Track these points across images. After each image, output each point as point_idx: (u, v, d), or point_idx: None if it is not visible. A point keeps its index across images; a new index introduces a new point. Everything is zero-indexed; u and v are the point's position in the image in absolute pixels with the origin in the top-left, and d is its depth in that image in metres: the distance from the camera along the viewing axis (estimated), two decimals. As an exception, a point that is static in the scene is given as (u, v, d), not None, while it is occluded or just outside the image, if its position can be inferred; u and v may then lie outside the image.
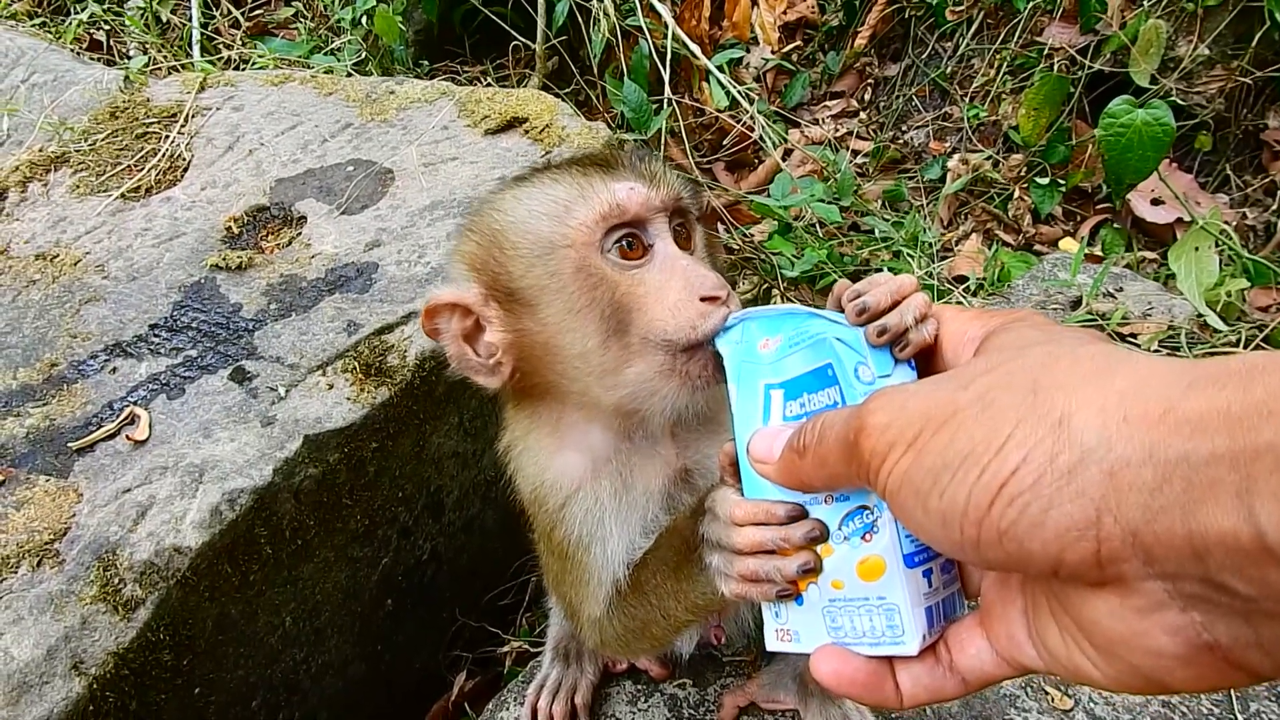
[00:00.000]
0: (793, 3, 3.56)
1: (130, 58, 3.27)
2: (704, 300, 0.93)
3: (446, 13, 3.32)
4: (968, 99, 3.17)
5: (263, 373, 1.60)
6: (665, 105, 2.93)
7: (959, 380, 0.61)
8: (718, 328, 0.90)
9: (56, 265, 1.88)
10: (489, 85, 3.19)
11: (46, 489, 1.44)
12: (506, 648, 1.91)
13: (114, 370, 1.64)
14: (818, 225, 2.85)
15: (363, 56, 3.28)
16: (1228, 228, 2.45)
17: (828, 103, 3.48)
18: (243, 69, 3.10)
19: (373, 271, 1.78)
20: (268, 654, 1.53)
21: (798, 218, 2.80)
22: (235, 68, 3.25)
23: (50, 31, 3.36)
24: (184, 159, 2.16)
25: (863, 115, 3.43)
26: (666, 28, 2.94)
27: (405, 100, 2.28)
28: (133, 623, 1.31)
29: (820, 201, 2.67)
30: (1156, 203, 2.79)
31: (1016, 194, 2.96)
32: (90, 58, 2.92)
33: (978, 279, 2.64)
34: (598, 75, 3.16)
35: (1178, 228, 2.74)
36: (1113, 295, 2.31)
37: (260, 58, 3.20)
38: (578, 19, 3.07)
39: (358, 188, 2.00)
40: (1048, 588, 0.61)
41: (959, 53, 3.21)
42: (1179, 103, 2.68)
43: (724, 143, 3.31)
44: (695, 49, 2.99)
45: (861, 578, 0.73)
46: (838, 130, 3.37)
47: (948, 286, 2.61)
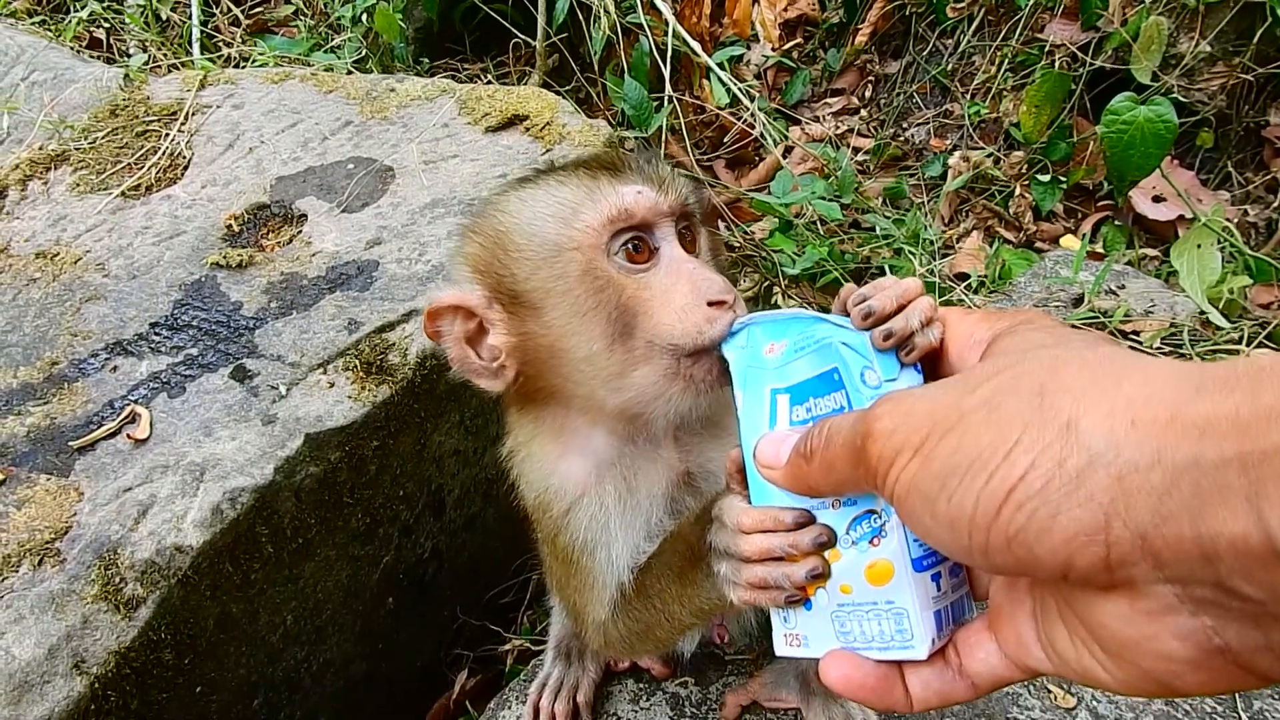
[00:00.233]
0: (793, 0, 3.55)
1: (130, 56, 3.27)
2: (710, 305, 0.93)
3: (447, 10, 3.31)
4: (969, 96, 3.16)
5: (263, 371, 1.60)
6: (666, 103, 2.92)
7: (965, 384, 0.61)
8: (724, 333, 0.90)
9: (57, 263, 1.88)
10: (489, 83, 3.19)
11: (47, 488, 1.44)
12: (508, 646, 1.91)
13: (115, 369, 1.63)
14: (818, 223, 2.85)
15: (363, 54, 3.27)
16: (1230, 225, 2.45)
17: (828, 100, 3.48)
18: (243, 67, 3.10)
19: (373, 269, 1.78)
20: (269, 653, 1.53)
21: (798, 215, 2.80)
22: (235, 65, 3.24)
23: (50, 29, 3.36)
24: (184, 157, 2.15)
25: (863, 112, 3.42)
26: (667, 25, 2.93)
27: (405, 98, 2.28)
28: (134, 622, 1.31)
29: (821, 199, 2.66)
30: (1158, 200, 2.78)
31: (1018, 191, 2.96)
32: (90, 56, 2.91)
33: (979, 276, 2.64)
34: (598, 73, 3.15)
35: (1179, 225, 2.73)
36: (1114, 293, 2.31)
37: (260, 55, 3.20)
38: (578, 16, 3.06)
39: (358, 185, 2.00)
40: (1057, 591, 0.61)
41: (960, 50, 3.20)
42: (1180, 100, 2.67)
43: (724, 140, 3.31)
44: (696, 46, 2.98)
45: (870, 582, 0.72)
46: (838, 127, 3.37)
47: (949, 284, 2.60)
